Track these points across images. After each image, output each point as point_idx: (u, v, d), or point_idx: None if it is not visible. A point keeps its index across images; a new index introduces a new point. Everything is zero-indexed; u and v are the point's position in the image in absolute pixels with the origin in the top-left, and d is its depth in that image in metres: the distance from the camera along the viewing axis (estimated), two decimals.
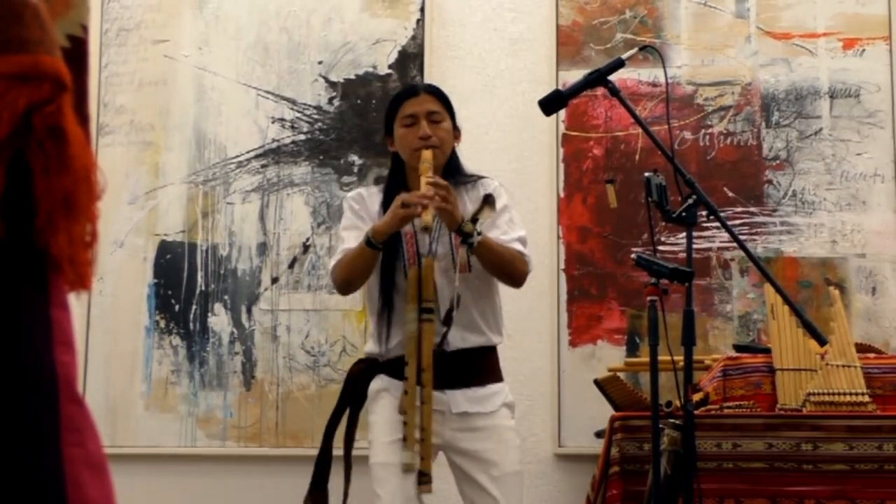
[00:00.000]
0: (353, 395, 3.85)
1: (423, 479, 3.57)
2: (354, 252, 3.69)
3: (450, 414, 3.68)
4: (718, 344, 4.70)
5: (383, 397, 3.75)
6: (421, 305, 3.61)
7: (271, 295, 4.94)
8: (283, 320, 4.92)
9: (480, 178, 3.89)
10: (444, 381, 3.63)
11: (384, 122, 3.92)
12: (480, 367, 3.75)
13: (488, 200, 3.70)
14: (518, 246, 3.72)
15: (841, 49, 4.88)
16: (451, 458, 3.75)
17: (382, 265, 3.72)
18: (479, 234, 3.58)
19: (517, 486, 3.70)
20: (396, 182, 3.83)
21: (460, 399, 3.68)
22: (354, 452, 3.89)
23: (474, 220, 3.61)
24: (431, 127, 3.75)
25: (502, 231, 3.73)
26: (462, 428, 3.68)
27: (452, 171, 3.82)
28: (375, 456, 3.70)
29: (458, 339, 3.68)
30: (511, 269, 3.72)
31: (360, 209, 3.84)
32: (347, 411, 3.87)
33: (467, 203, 3.78)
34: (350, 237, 3.78)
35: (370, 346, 3.85)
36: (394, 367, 3.71)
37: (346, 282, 3.78)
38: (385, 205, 3.76)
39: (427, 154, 3.69)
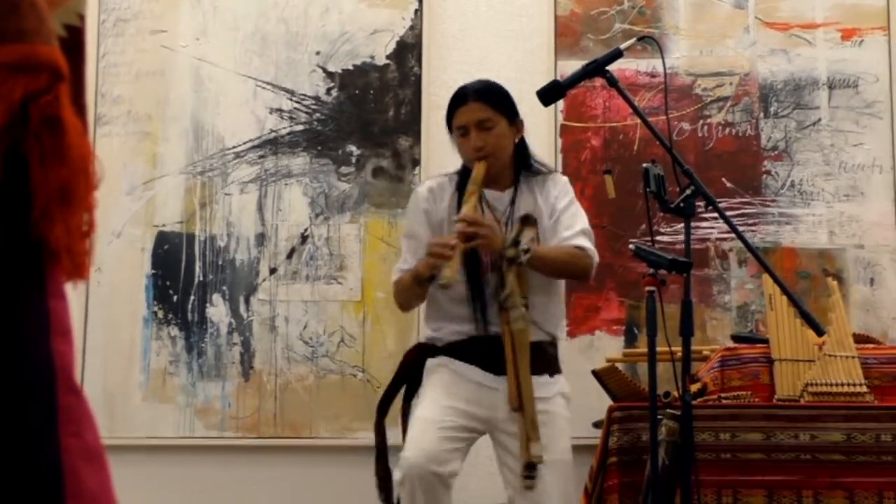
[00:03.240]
0: (407, 376, 3.87)
1: (532, 474, 3.57)
2: (408, 282, 3.74)
3: (508, 394, 3.65)
4: (716, 334, 4.70)
5: (440, 371, 3.77)
6: (516, 302, 3.64)
7: (269, 285, 4.94)
8: (281, 311, 4.92)
9: (550, 172, 3.91)
10: (502, 366, 3.64)
11: (446, 122, 3.91)
12: (540, 358, 3.73)
13: (528, 221, 3.68)
14: (580, 240, 3.73)
15: (839, 39, 4.87)
16: (499, 439, 3.74)
17: (469, 260, 3.70)
18: (526, 251, 3.57)
19: (563, 473, 3.68)
20: (466, 174, 3.82)
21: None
22: (365, 441, 3.90)
23: (516, 242, 3.59)
24: (482, 135, 3.74)
25: (566, 226, 3.74)
26: (517, 413, 3.64)
27: (520, 167, 3.83)
28: (421, 410, 3.69)
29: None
30: (572, 270, 3.77)
31: (429, 209, 3.85)
32: (404, 389, 3.88)
33: (538, 197, 3.80)
34: (409, 251, 3.82)
35: (429, 333, 3.86)
36: (454, 350, 3.75)
37: (404, 306, 3.94)
38: (458, 199, 3.77)
39: (478, 172, 3.70)
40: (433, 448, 3.54)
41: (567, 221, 3.76)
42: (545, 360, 3.78)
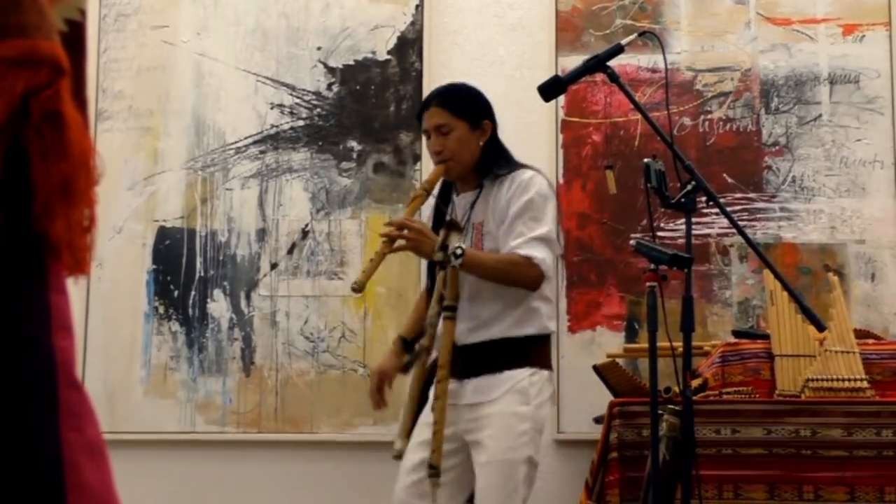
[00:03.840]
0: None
1: (432, 473, 3.54)
2: None
3: (461, 406, 3.66)
4: (717, 330, 4.70)
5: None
6: (444, 304, 3.63)
7: (270, 281, 4.94)
8: (282, 306, 4.92)
9: (521, 167, 3.80)
10: (455, 372, 3.63)
11: None
12: (494, 358, 3.67)
13: (453, 226, 3.65)
14: (528, 249, 3.59)
15: (841, 35, 4.87)
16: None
17: (428, 266, 3.81)
18: (457, 256, 3.53)
19: (503, 473, 3.58)
20: (446, 185, 3.87)
21: (468, 390, 3.65)
22: (366, 436, 3.94)
23: (444, 247, 3.56)
24: (441, 140, 3.72)
25: (516, 234, 3.63)
26: (471, 419, 3.64)
27: (485, 170, 3.77)
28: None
29: (465, 334, 3.65)
30: (513, 279, 3.63)
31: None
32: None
33: (490, 201, 3.72)
34: None
35: None
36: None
37: None
38: (437, 209, 3.83)
39: (432, 175, 3.74)
40: (400, 498, 3.68)
41: (519, 229, 3.64)
42: (497, 357, 3.68)
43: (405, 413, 3.68)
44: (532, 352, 3.71)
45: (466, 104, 3.80)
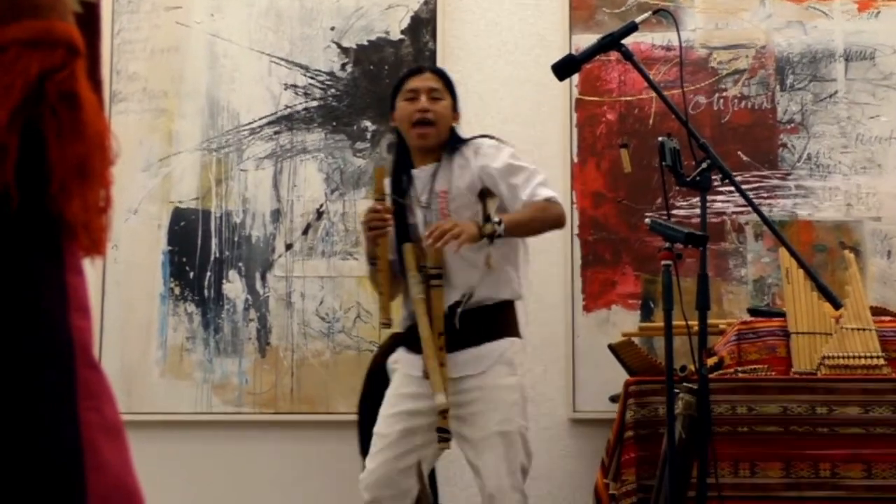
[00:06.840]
0: (378, 370, 3.95)
1: (443, 437, 3.64)
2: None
3: (449, 381, 3.70)
4: (733, 308, 4.70)
5: (395, 370, 3.85)
6: (427, 272, 3.73)
7: (285, 261, 4.95)
8: (297, 287, 4.92)
9: (473, 138, 3.91)
10: (449, 344, 3.70)
11: (390, 98, 3.99)
12: (477, 328, 3.74)
13: (484, 194, 3.76)
14: (543, 192, 3.71)
15: (856, 11, 4.85)
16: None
17: (397, 241, 3.85)
18: (499, 223, 3.63)
19: (500, 446, 3.64)
20: (401, 160, 3.93)
21: (458, 362, 3.71)
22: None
23: (487, 218, 3.68)
24: (430, 103, 3.85)
25: (522, 185, 3.72)
26: (457, 391, 3.69)
27: (450, 148, 3.87)
28: (377, 423, 3.77)
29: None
30: (546, 224, 3.77)
31: None
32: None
33: (455, 168, 3.82)
34: None
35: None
36: (409, 338, 3.81)
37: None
38: (394, 183, 3.91)
39: (378, 178, 3.92)
40: (386, 471, 3.69)
41: (520, 181, 3.73)
42: (477, 328, 3.75)
43: (434, 368, 3.65)
44: (509, 320, 3.83)
45: (453, 87, 3.96)
